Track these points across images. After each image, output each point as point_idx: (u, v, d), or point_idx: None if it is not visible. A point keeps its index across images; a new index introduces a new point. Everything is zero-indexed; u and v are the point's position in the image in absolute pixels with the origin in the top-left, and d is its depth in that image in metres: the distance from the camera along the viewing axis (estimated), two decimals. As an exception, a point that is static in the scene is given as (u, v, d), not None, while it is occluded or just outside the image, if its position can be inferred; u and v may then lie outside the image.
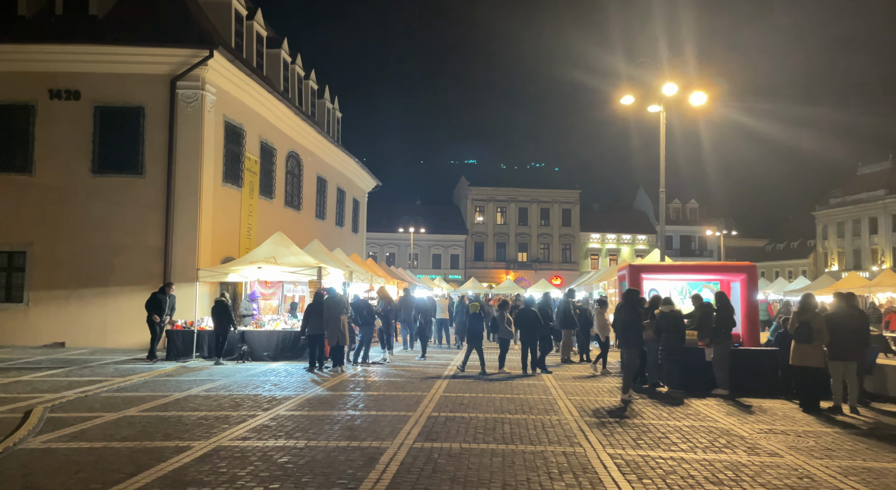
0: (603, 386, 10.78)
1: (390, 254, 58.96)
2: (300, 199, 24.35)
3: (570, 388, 10.45)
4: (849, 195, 65.18)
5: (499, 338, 12.69)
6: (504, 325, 12.30)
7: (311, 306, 12.56)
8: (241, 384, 10.53)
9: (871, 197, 61.89)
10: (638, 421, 7.81)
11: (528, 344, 12.01)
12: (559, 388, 10.34)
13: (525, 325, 12.05)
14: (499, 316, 12.52)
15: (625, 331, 9.48)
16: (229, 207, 18.41)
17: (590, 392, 10.04)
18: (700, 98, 16.65)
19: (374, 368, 12.94)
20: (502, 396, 9.47)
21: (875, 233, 61.46)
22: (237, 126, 18.80)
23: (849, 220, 65.01)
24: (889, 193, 59.85)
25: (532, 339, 12.11)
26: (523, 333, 12.07)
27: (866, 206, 62.46)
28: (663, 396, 9.63)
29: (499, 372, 12.36)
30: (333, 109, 30.68)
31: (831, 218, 67.05)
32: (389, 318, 14.29)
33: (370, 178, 34.56)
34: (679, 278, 14.42)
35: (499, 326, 12.46)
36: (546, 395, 9.59)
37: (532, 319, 12.14)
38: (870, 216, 62.65)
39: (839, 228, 66.27)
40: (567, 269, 63.53)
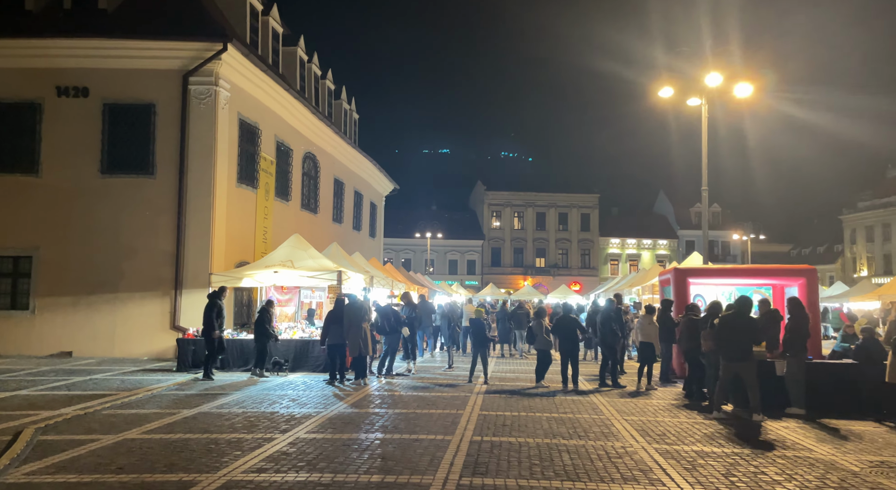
0: (657, 403, 9.66)
1: (406, 259, 58.04)
2: (317, 201, 23.47)
3: (622, 405, 9.35)
4: (878, 198, 63.28)
5: (537, 349, 11.64)
6: (542, 334, 11.25)
7: (332, 313, 11.59)
8: (257, 400, 9.57)
9: (902, 200, 59.98)
10: (718, 449, 6.71)
11: (569, 355, 10.93)
12: (609, 406, 9.25)
13: (565, 333, 10.98)
14: (536, 325, 11.47)
15: (744, 342, 8.27)
16: (244, 209, 17.55)
17: (645, 411, 8.93)
18: (745, 89, 15.56)
19: (398, 381, 11.94)
20: (548, 416, 8.40)
21: (906, 236, 59.53)
22: (252, 124, 17.96)
23: (878, 224, 63.11)
24: (921, 196, 57.99)
25: (574, 349, 11.03)
26: (563, 343, 10.99)
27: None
28: (733, 418, 8.50)
29: (536, 386, 11.30)
30: (350, 111, 29.86)
31: (860, 222, 65.16)
32: (415, 327, 13.29)
33: (387, 181, 33.68)
34: (729, 283, 13.28)
35: (536, 336, 11.41)
36: (597, 415, 8.51)
37: (573, 328, 11.07)
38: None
39: (868, 232, 64.35)
40: (586, 274, 62.24)
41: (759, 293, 14.23)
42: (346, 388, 10.96)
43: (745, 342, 8.21)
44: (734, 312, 8.46)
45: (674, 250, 65.04)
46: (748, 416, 8.26)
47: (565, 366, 11.32)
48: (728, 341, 8.27)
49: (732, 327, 8.31)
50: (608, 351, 11.24)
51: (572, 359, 10.96)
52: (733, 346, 8.23)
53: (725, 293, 14.21)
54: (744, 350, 8.21)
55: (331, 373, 11.48)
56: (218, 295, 12.16)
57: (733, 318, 8.39)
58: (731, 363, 8.27)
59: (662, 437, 7.21)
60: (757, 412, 8.16)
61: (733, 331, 8.30)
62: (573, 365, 10.96)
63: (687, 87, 16.48)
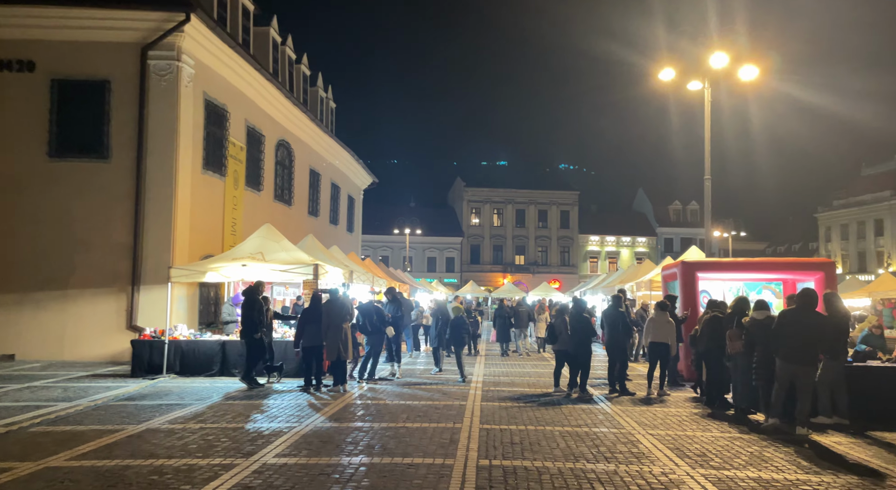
0: (678, 412, 8.56)
1: (384, 256, 56.55)
2: (291, 192, 22.03)
3: (640, 416, 8.23)
4: (853, 196, 63.73)
5: (556, 350, 10.52)
6: (566, 333, 10.10)
7: (307, 312, 10.26)
8: (219, 412, 8.23)
9: (877, 198, 60.43)
10: (778, 475, 5.57)
11: (581, 358, 9.79)
12: (626, 417, 8.12)
13: (580, 334, 9.84)
14: (559, 323, 10.32)
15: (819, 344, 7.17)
16: (211, 198, 16.08)
17: (669, 423, 7.81)
18: (750, 72, 14.62)
19: (382, 387, 10.67)
20: (561, 430, 7.24)
21: (881, 235, 59.99)
22: (220, 106, 16.49)
23: (853, 222, 63.55)
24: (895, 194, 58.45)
25: (587, 352, 9.89)
26: (577, 346, 9.83)
27: (871, 208, 61.02)
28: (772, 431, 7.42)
29: (555, 391, 10.20)
30: (327, 99, 28.39)
31: (834, 220, 65.58)
32: (401, 326, 12.01)
33: (366, 173, 32.29)
34: (740, 277, 12.30)
35: (558, 336, 10.28)
36: (617, 428, 7.37)
37: (588, 328, 9.92)
38: (875, 218, 61.20)
39: (843, 230, 64.79)
40: (566, 272, 61.61)
41: (768, 289, 13.31)
42: (324, 396, 9.67)
43: (811, 342, 7.11)
44: (799, 306, 7.33)
45: (652, 248, 64.77)
46: (788, 429, 7.18)
47: (560, 367, 10.24)
48: (791, 340, 7.14)
49: (800, 323, 7.16)
50: (616, 352, 10.12)
51: (585, 362, 9.84)
52: (797, 347, 7.11)
53: (733, 289, 13.26)
54: (810, 351, 7.12)
55: (306, 378, 10.16)
56: (255, 290, 10.73)
57: (798, 313, 7.25)
58: (791, 365, 7.15)
59: (704, 458, 6.08)
60: (802, 424, 7.09)
61: (801, 327, 7.15)
62: (583, 369, 9.84)
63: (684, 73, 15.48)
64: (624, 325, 10.08)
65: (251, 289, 10.89)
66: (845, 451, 6.46)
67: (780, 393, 7.27)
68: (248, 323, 10.39)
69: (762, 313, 7.94)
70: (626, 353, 10.30)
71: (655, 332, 9.81)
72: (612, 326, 10.10)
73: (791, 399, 7.26)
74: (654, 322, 9.93)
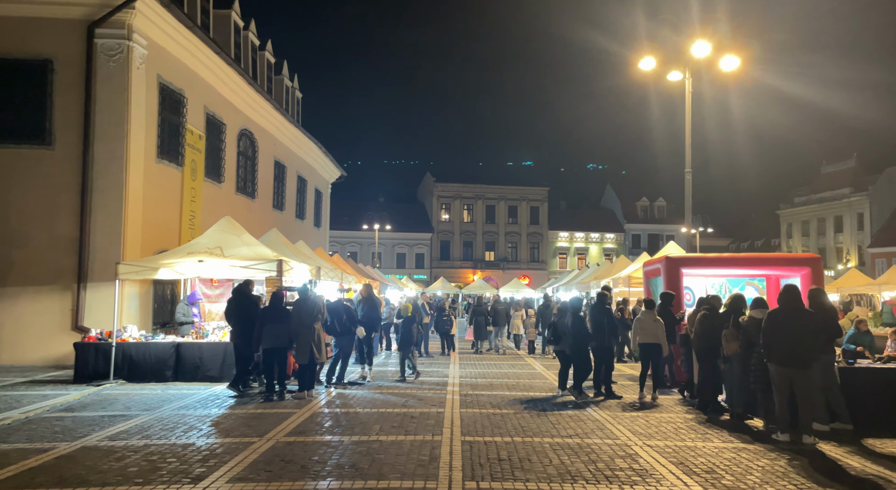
0: (672, 419, 8.00)
1: (352, 253, 55.45)
2: (255, 185, 20.97)
3: (632, 423, 7.64)
4: (813, 194, 65.16)
5: (557, 351, 9.92)
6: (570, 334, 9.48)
7: (267, 311, 9.35)
8: (168, 424, 7.35)
9: (836, 195, 61.90)
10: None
11: (577, 357, 9.21)
12: (618, 424, 7.52)
13: (578, 333, 9.25)
14: (561, 322, 9.70)
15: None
16: (167, 190, 15.00)
17: (665, 431, 7.24)
18: (731, 62, 14.24)
19: (352, 392, 9.88)
20: (551, 442, 6.58)
21: (840, 231, 61.46)
22: (176, 91, 15.39)
23: (814, 219, 64.97)
24: (854, 192, 59.88)
25: (584, 351, 9.32)
26: (575, 344, 9.25)
27: (831, 205, 62.49)
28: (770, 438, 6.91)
29: (562, 394, 9.64)
30: (293, 88, 27.29)
31: (796, 217, 66.98)
32: (375, 326, 11.21)
33: (334, 167, 31.27)
34: (724, 273, 11.87)
35: (561, 336, 9.67)
36: (612, 439, 6.74)
37: (584, 327, 9.32)
38: (835, 215, 62.71)
39: (804, 227, 66.20)
40: (535, 268, 61.49)
41: (751, 286, 12.95)
42: (288, 403, 8.84)
43: (807, 342, 6.58)
44: (785, 305, 6.79)
45: (620, 244, 65.15)
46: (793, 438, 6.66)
47: (566, 370, 9.64)
48: (783, 342, 6.60)
49: (791, 323, 6.62)
50: (601, 353, 9.53)
51: (582, 361, 9.25)
52: (790, 347, 6.57)
53: (715, 285, 12.86)
54: (806, 353, 6.58)
55: (268, 384, 9.29)
56: (246, 290, 10.03)
57: (787, 313, 6.71)
58: (786, 369, 6.63)
59: (713, 475, 5.49)
60: (808, 432, 6.58)
61: (792, 327, 6.61)
62: (579, 370, 9.25)
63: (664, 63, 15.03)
64: (610, 325, 9.50)
65: (241, 288, 10.00)
66: (862, 463, 5.96)
67: (783, 401, 6.74)
68: (244, 325, 9.45)
69: (761, 312, 7.41)
70: (612, 354, 9.73)
71: (644, 333, 9.24)
72: (597, 325, 9.52)
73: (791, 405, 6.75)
74: (642, 322, 9.36)
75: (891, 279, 23.91)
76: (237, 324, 9.69)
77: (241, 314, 9.63)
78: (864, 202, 59.55)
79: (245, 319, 9.50)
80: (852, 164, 63.37)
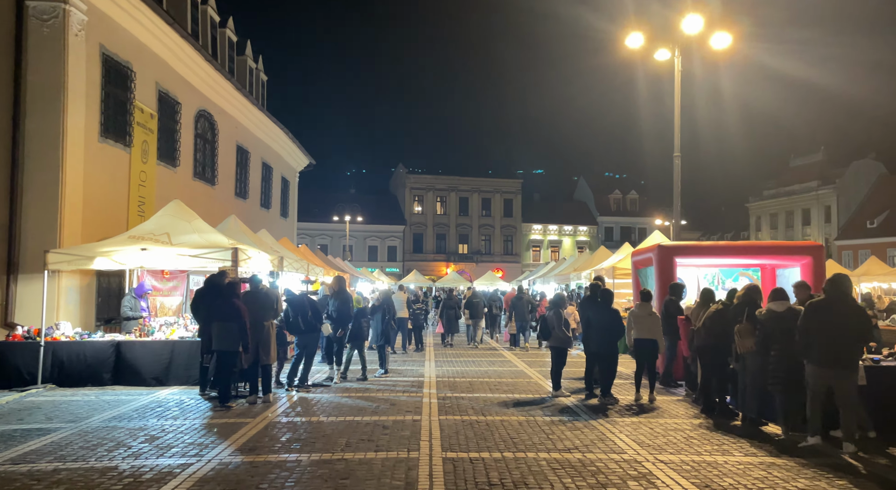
0: (679, 425, 7.09)
1: (322, 245, 53.97)
2: (214, 171, 19.55)
3: (636, 432, 6.70)
4: (782, 187, 65.83)
5: (551, 346, 8.91)
6: (560, 327, 8.49)
7: (220, 306, 8.10)
8: (92, 440, 6.16)
9: (804, 188, 62.62)
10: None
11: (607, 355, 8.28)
12: (620, 433, 6.57)
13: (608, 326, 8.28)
14: (554, 315, 8.71)
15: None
16: (112, 172, 13.59)
17: (675, 441, 6.31)
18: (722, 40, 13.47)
19: (317, 397, 8.78)
20: (548, 458, 5.60)
21: (808, 224, 62.17)
22: (122, 64, 13.96)
23: (782, 212, 65.67)
24: (822, 185, 60.60)
25: (613, 350, 8.31)
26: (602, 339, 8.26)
27: (799, 198, 63.21)
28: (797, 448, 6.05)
29: (555, 394, 8.70)
30: (257, 70, 25.79)
31: (764, 209, 67.63)
32: (346, 323, 10.02)
33: (302, 154, 29.82)
34: (721, 263, 11.08)
35: (552, 330, 8.68)
36: (618, 454, 5.79)
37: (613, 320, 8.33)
38: (803, 208, 63.47)
39: (772, 220, 66.88)
40: (509, 261, 60.90)
41: (745, 276, 12.20)
42: (240, 410, 7.70)
43: (853, 341, 5.72)
44: (829, 297, 5.90)
45: (593, 237, 64.98)
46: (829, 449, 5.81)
47: (592, 369, 8.62)
48: (824, 339, 5.71)
49: (837, 318, 5.74)
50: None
51: (608, 362, 8.27)
52: (834, 346, 5.70)
53: (708, 276, 12.09)
54: (852, 353, 5.72)
55: (220, 390, 8.06)
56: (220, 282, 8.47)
57: (830, 306, 5.82)
58: (826, 370, 5.75)
59: (748, 498, 4.58)
60: (850, 440, 5.73)
61: (839, 323, 5.74)
62: (606, 370, 8.28)
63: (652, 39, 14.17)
64: (614, 319, 8.43)
65: (214, 279, 8.63)
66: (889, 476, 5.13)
67: (816, 406, 5.88)
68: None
69: (781, 305, 6.55)
70: (615, 350, 8.59)
71: (640, 328, 8.32)
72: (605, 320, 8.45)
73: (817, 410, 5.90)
74: (637, 316, 8.43)
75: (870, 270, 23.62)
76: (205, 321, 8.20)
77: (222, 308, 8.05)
78: (831, 195, 60.36)
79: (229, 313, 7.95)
80: (820, 157, 64.16)
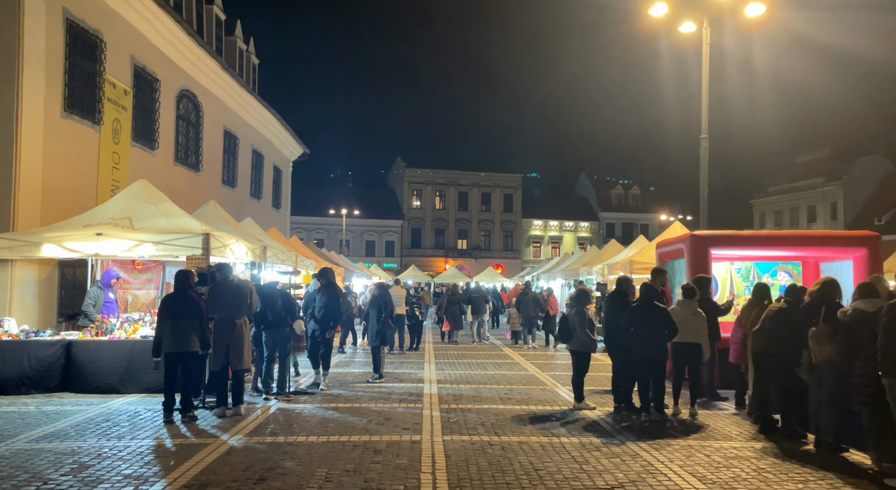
0: (740, 450, 5.77)
1: (318, 240, 52.62)
2: (199, 156, 18.18)
3: (690, 461, 5.39)
4: (787, 183, 64.64)
5: (572, 350, 7.54)
6: (584, 328, 7.13)
7: (170, 301, 6.74)
8: (3, 471, 4.85)
9: (810, 185, 61.51)
10: None
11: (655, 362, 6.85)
12: (673, 463, 5.26)
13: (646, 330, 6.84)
14: (576, 314, 7.36)
15: None
16: (78, 152, 12.24)
17: (746, 478, 4.99)
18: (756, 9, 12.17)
19: (299, 407, 7.46)
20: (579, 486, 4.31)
21: (814, 221, 61.00)
22: (90, 32, 12.58)
23: (787, 208, 64.55)
24: (828, 181, 59.46)
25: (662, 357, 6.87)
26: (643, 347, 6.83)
27: (804, 194, 62.14)
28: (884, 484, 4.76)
29: (577, 407, 7.37)
30: (248, 53, 24.38)
31: (769, 206, 66.48)
32: (334, 321, 8.67)
33: (296, 143, 28.44)
34: (760, 255, 9.78)
35: (572, 330, 7.35)
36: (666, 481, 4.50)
37: (667, 318, 6.88)
38: (808, 204, 62.37)
39: (777, 217, 65.74)
40: (509, 257, 59.64)
41: (784, 271, 10.89)
42: (202, 428, 6.38)
43: None
44: None
45: (595, 233, 63.76)
46: None
47: (626, 378, 7.22)
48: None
49: None
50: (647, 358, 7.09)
51: (659, 369, 6.87)
52: None
53: (742, 270, 10.78)
54: None
55: (166, 401, 6.63)
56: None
57: None
58: None
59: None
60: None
61: None
62: (658, 379, 6.87)
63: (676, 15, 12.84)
64: (664, 319, 6.91)
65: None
66: None
67: None
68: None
69: (872, 303, 5.25)
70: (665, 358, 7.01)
71: (682, 330, 6.99)
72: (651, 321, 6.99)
73: None
74: (678, 315, 7.10)
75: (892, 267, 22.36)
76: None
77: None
78: (837, 191, 59.25)
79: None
80: (826, 152, 62.97)
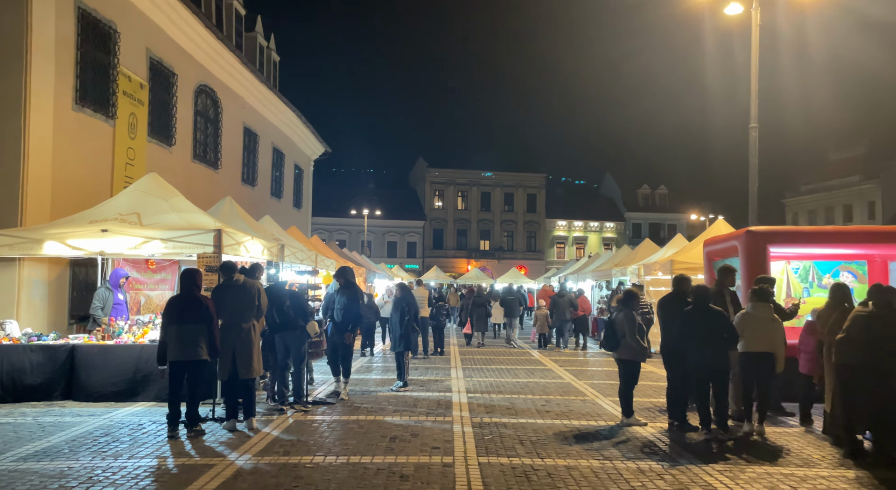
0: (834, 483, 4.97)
1: (340, 240, 52.23)
2: (217, 153, 17.71)
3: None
4: (821, 182, 62.65)
5: (620, 359, 6.73)
6: (634, 334, 6.33)
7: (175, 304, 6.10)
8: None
9: (845, 183, 59.55)
10: None
11: (719, 373, 6.08)
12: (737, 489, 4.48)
13: (704, 333, 6.05)
14: (625, 318, 6.56)
15: None
16: (92, 146, 11.76)
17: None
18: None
19: (316, 420, 6.78)
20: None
21: (850, 220, 58.97)
22: (104, 22, 12.12)
23: (821, 208, 62.62)
24: (864, 179, 57.45)
25: (725, 364, 6.07)
26: (698, 352, 6.05)
27: (840, 193, 60.21)
28: None
29: (626, 422, 6.60)
30: (268, 49, 23.94)
31: (802, 205, 64.58)
32: (355, 324, 7.96)
33: (317, 141, 27.94)
34: (826, 253, 8.86)
35: (620, 338, 6.56)
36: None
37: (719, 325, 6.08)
38: (844, 203, 60.38)
39: (811, 217, 63.77)
40: (532, 258, 58.66)
41: (847, 271, 9.94)
42: (209, 445, 5.73)
43: None
44: None
45: (620, 233, 62.45)
46: None
47: (687, 391, 6.44)
48: None
49: None
50: (707, 366, 6.17)
51: (722, 381, 6.10)
52: None
53: (801, 271, 9.85)
54: None
55: (170, 414, 5.97)
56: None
57: None
58: None
59: None
60: None
61: None
62: (721, 391, 6.12)
63: None
64: (721, 323, 6.10)
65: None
66: None
67: None
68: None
69: None
70: (728, 368, 6.16)
71: (753, 337, 6.10)
72: (708, 326, 6.14)
73: None
74: (753, 319, 6.19)
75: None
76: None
77: None
78: (875, 190, 57.22)
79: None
80: (862, 150, 60.85)
